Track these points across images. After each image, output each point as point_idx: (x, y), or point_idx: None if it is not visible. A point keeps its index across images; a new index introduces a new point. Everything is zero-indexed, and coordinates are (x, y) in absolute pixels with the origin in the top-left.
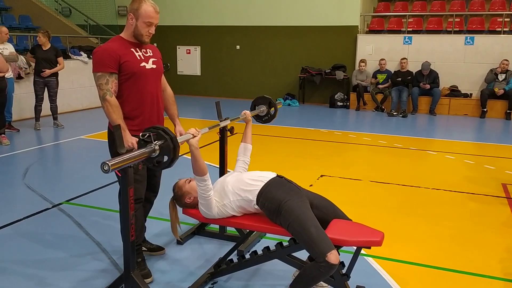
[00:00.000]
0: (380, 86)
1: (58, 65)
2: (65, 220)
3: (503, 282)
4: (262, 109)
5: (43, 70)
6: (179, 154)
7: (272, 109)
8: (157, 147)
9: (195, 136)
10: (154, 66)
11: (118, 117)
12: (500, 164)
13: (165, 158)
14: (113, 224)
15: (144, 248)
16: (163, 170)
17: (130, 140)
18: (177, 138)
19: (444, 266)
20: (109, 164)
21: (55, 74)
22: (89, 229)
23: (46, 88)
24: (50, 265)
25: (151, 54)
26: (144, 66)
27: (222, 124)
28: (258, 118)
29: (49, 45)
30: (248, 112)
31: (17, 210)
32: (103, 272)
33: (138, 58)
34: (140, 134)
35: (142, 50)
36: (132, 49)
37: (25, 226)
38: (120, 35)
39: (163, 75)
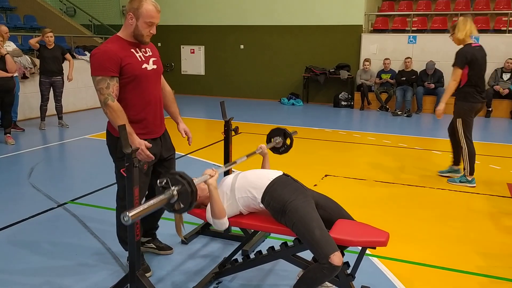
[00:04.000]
0: (380, 80)
1: (68, 61)
2: (69, 219)
3: (509, 283)
4: (278, 140)
5: (52, 70)
6: (185, 154)
7: (288, 140)
8: (175, 193)
9: (212, 176)
10: (155, 66)
11: (123, 122)
12: (505, 163)
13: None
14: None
15: (153, 246)
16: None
17: (139, 145)
18: (194, 180)
19: (449, 267)
20: (129, 215)
21: (62, 73)
22: (93, 228)
23: (51, 88)
24: (54, 265)
25: (151, 54)
26: (146, 67)
27: (239, 161)
28: (274, 150)
29: (53, 44)
30: (264, 146)
31: (22, 209)
32: (107, 271)
33: (139, 59)
34: (158, 181)
35: (142, 50)
36: (133, 50)
37: (30, 226)
38: (118, 34)
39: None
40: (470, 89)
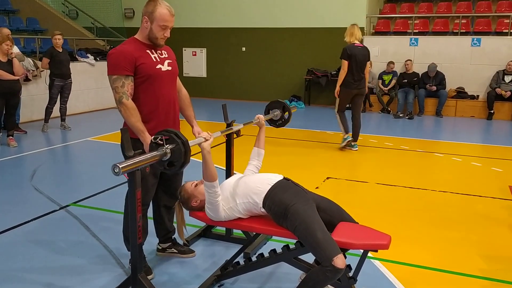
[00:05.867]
0: (385, 88)
1: None
2: (72, 222)
3: (511, 286)
4: (276, 113)
5: (66, 73)
6: (191, 156)
7: (286, 113)
8: (168, 151)
9: (207, 140)
10: (170, 68)
11: (136, 120)
12: (507, 166)
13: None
14: (119, 226)
15: (175, 251)
16: (176, 172)
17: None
18: (189, 141)
19: (451, 269)
20: (120, 166)
21: (71, 76)
22: (96, 231)
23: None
24: (56, 267)
25: (167, 56)
26: (160, 68)
27: (235, 128)
28: (271, 122)
29: (61, 48)
30: (261, 116)
31: (25, 212)
32: (109, 273)
33: (154, 60)
34: (152, 137)
35: (158, 52)
36: (148, 51)
37: (32, 228)
38: (135, 36)
39: (177, 76)
40: (348, 78)
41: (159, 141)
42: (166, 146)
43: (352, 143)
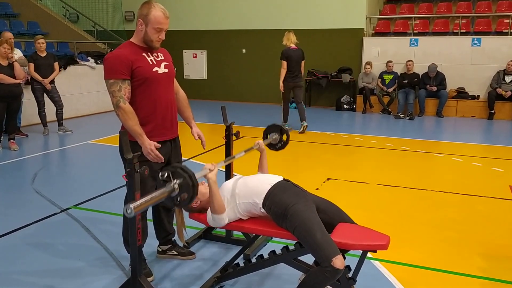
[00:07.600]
0: (389, 89)
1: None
2: (72, 224)
3: (511, 285)
4: (274, 137)
5: (45, 77)
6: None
7: (284, 136)
8: (176, 186)
9: (211, 171)
10: (166, 70)
11: (134, 124)
12: (508, 166)
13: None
14: (119, 228)
15: (175, 253)
16: (186, 206)
17: (148, 146)
18: (195, 173)
19: (451, 269)
20: (132, 207)
21: (53, 80)
22: (96, 233)
23: (47, 95)
24: (57, 269)
25: (163, 58)
26: (157, 71)
27: (237, 156)
28: (271, 146)
29: (45, 52)
30: (261, 141)
31: (26, 215)
32: (110, 276)
33: (150, 63)
34: (159, 174)
35: (154, 54)
36: (144, 54)
37: (33, 231)
38: (131, 40)
39: (175, 78)
40: (287, 75)
41: (166, 178)
42: (174, 181)
43: (284, 124)
